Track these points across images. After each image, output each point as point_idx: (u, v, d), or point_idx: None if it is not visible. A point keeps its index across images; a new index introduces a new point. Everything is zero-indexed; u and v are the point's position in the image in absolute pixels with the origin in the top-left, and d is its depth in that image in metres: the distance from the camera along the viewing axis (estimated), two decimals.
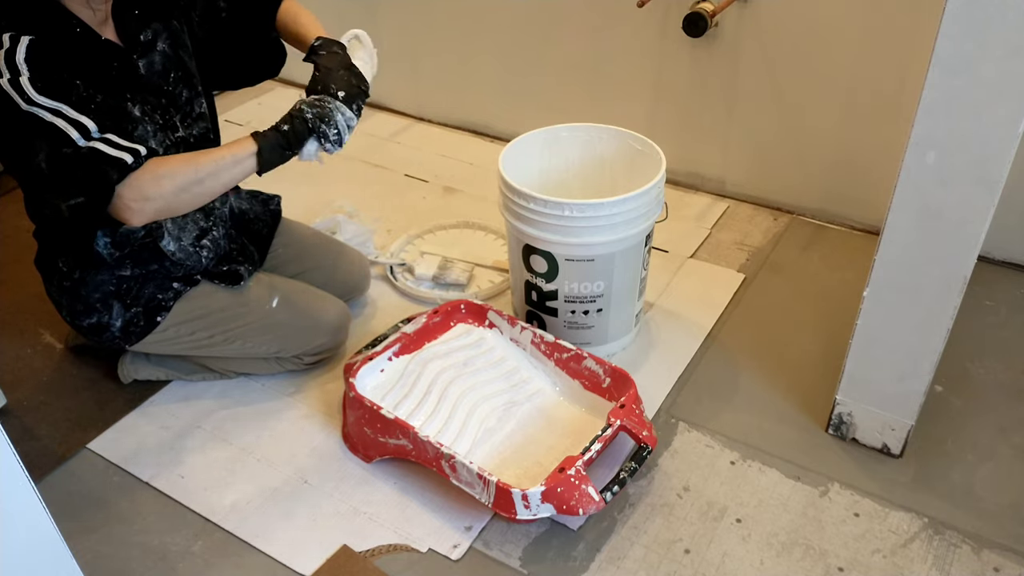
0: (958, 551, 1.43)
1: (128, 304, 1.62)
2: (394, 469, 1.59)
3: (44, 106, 1.33)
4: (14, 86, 1.32)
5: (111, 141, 1.35)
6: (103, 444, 1.66)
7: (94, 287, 1.59)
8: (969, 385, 1.75)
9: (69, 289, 1.60)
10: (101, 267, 1.58)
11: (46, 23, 1.38)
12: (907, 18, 1.91)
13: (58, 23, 1.40)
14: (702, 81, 2.25)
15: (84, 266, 1.58)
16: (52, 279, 1.63)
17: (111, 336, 1.63)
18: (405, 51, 2.72)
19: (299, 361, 1.77)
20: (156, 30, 1.54)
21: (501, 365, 1.72)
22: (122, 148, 1.35)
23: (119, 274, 1.60)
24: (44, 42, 1.35)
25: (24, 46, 1.33)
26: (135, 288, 1.61)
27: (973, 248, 1.32)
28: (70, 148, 1.34)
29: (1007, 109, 1.19)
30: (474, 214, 2.30)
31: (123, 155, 1.35)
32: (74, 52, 1.40)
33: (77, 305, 1.61)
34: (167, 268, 1.62)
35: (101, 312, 1.61)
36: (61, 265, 1.60)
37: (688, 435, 1.66)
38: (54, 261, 1.60)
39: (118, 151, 1.35)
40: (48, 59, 1.35)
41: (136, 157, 1.36)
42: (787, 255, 2.16)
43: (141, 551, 1.47)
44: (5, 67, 1.32)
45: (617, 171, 1.86)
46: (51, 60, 1.36)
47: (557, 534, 1.48)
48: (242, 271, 1.70)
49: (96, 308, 1.61)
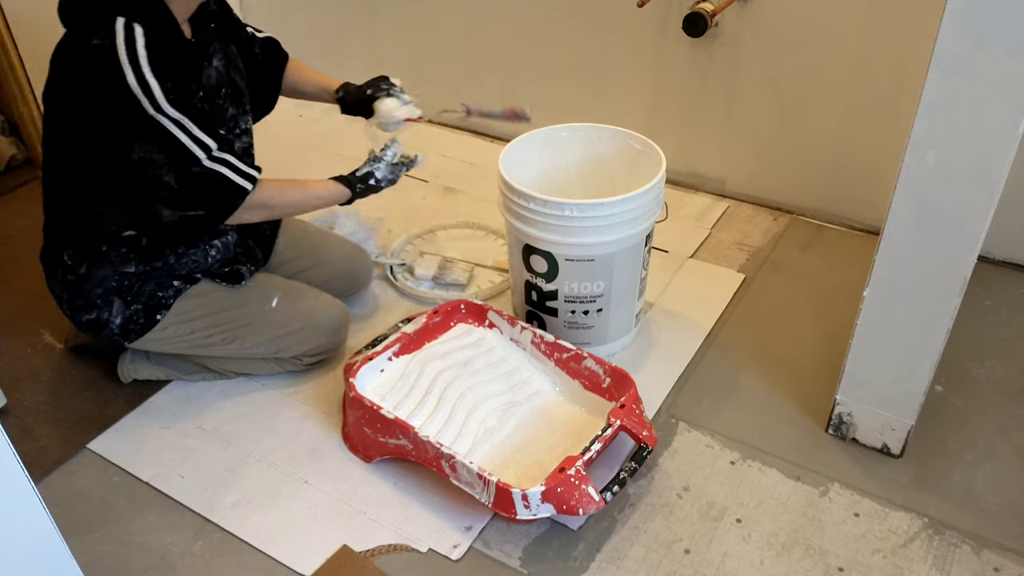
0: (958, 551, 1.43)
1: (128, 301, 1.62)
2: (394, 469, 1.59)
3: (170, 116, 1.41)
4: (143, 89, 1.37)
5: (231, 164, 1.49)
6: (103, 444, 1.66)
7: (96, 282, 1.60)
8: (969, 385, 1.75)
9: (72, 283, 1.61)
10: (106, 263, 1.59)
11: (149, 13, 1.42)
12: (907, 18, 1.91)
13: (158, 14, 1.43)
14: (702, 81, 2.25)
15: (90, 262, 1.59)
16: (56, 273, 1.63)
17: (110, 333, 1.63)
18: (405, 51, 2.72)
19: (298, 362, 1.77)
20: (215, 48, 1.59)
21: (501, 365, 1.72)
22: (242, 173, 1.51)
23: (122, 270, 1.60)
24: (152, 33, 1.39)
25: (142, 38, 1.37)
26: (136, 285, 1.61)
27: (973, 248, 1.32)
28: (197, 167, 1.45)
29: (1007, 109, 1.19)
30: (474, 214, 2.30)
31: (244, 182, 1.51)
32: (170, 44, 1.44)
33: (78, 300, 1.61)
34: (171, 266, 1.63)
35: (101, 308, 1.61)
36: (67, 259, 1.60)
37: (688, 435, 1.66)
38: (60, 255, 1.61)
39: (239, 176, 1.50)
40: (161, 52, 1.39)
41: (253, 183, 1.52)
42: (787, 255, 2.16)
43: (141, 551, 1.47)
44: (129, 66, 1.36)
45: (617, 171, 1.86)
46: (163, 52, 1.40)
47: (557, 534, 1.48)
48: (243, 271, 1.70)
49: (96, 304, 1.61)
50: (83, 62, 1.39)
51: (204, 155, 1.45)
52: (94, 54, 1.36)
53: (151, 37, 1.39)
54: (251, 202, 1.53)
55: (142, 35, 1.37)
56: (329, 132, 2.74)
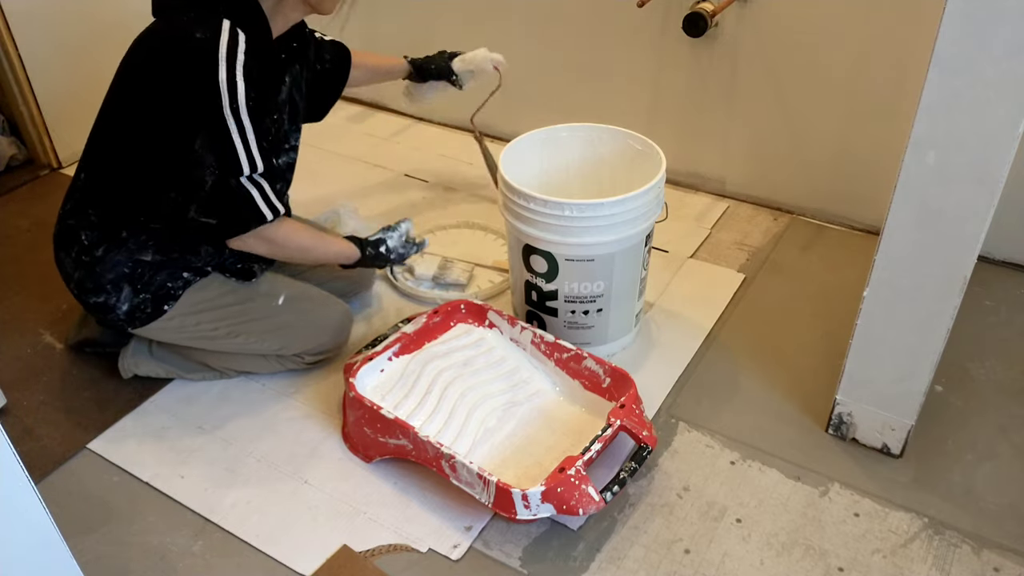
0: (958, 551, 1.43)
1: (138, 289, 1.62)
2: (394, 469, 1.59)
3: (241, 121, 1.44)
4: (229, 87, 1.42)
5: (264, 191, 1.52)
6: (103, 444, 1.66)
7: (110, 267, 1.60)
8: (969, 385, 1.75)
9: (86, 264, 1.61)
10: (123, 248, 1.59)
11: (252, 22, 1.47)
12: (907, 18, 1.91)
13: (260, 25, 1.49)
14: (702, 81, 2.25)
15: (108, 245, 1.59)
16: (70, 250, 1.63)
17: (116, 318, 1.63)
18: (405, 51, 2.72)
19: (300, 360, 1.77)
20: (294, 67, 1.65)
21: (501, 365, 1.72)
22: (269, 203, 1.53)
23: (138, 258, 1.60)
24: (252, 41, 1.45)
25: (243, 43, 1.43)
26: (148, 274, 1.62)
27: (973, 248, 1.32)
28: (235, 179, 1.48)
29: (1007, 109, 1.19)
30: (474, 214, 2.30)
31: (267, 211, 1.53)
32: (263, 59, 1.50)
33: (88, 282, 1.61)
34: (187, 259, 1.63)
35: (110, 293, 1.61)
36: (84, 239, 1.60)
37: (688, 435, 1.66)
38: (77, 233, 1.61)
39: (266, 205, 1.52)
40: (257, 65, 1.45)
41: (276, 216, 1.54)
42: (787, 255, 2.16)
43: (141, 551, 1.47)
44: (225, 64, 1.41)
45: (617, 171, 1.86)
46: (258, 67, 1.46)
47: (557, 534, 1.48)
48: (256, 269, 1.71)
49: (106, 288, 1.61)
50: (180, 49, 1.42)
51: (249, 170, 1.48)
52: (195, 44, 1.41)
53: (251, 45, 1.44)
54: (263, 233, 1.56)
55: (244, 41, 1.43)
56: (329, 132, 2.74)
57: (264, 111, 1.53)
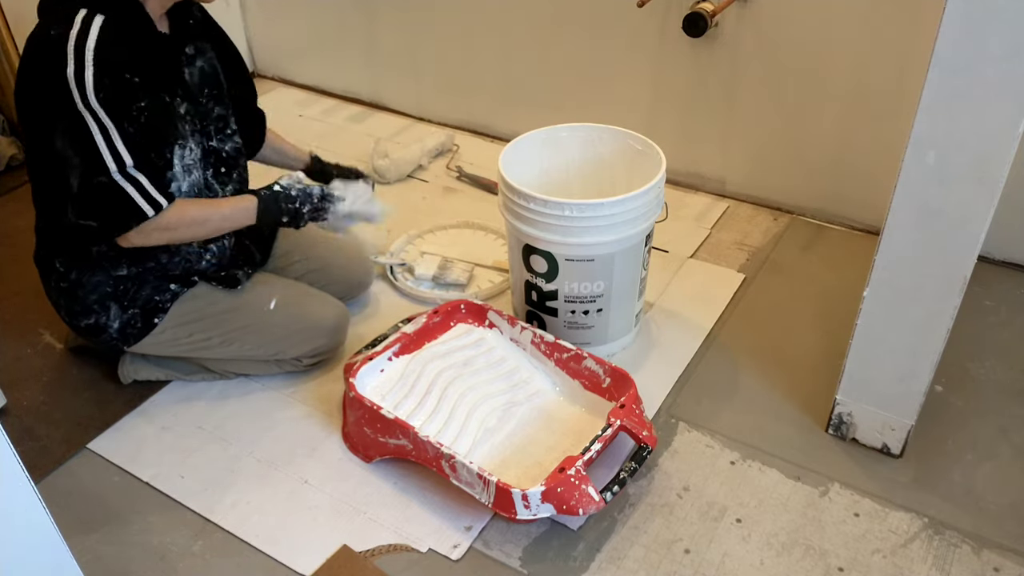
0: (958, 551, 1.43)
1: (125, 306, 1.61)
2: (394, 469, 1.59)
3: (96, 115, 1.37)
4: (77, 81, 1.35)
5: (141, 185, 1.43)
6: (103, 444, 1.66)
7: (91, 288, 1.59)
8: (969, 385, 1.75)
9: (66, 290, 1.61)
10: (97, 268, 1.58)
11: (118, 6, 1.41)
12: (907, 18, 1.91)
13: (128, 8, 1.43)
14: (702, 81, 2.25)
15: (81, 267, 1.59)
16: (49, 279, 1.63)
17: (109, 337, 1.63)
18: (405, 51, 2.72)
19: (298, 363, 1.77)
20: (199, 48, 1.58)
21: (501, 365, 1.72)
22: (149, 197, 1.44)
23: (116, 274, 1.59)
24: (114, 23, 1.38)
25: (96, 30, 1.36)
26: (132, 289, 1.61)
27: (973, 248, 1.32)
28: (105, 177, 1.41)
29: (1007, 109, 1.19)
30: (474, 214, 2.30)
31: (147, 207, 1.44)
32: (137, 39, 1.43)
33: (75, 306, 1.61)
34: (164, 266, 1.62)
35: (99, 313, 1.61)
36: (58, 265, 1.60)
37: (688, 435, 1.66)
38: (51, 261, 1.61)
39: (145, 199, 1.44)
40: (114, 49, 1.37)
41: (158, 209, 1.45)
42: (787, 255, 2.16)
43: (141, 551, 1.47)
44: (72, 56, 1.35)
45: (617, 171, 1.86)
46: (116, 50, 1.38)
47: (557, 534, 1.48)
48: (240, 275, 1.70)
49: (93, 309, 1.61)
50: (36, 49, 1.38)
51: (116, 166, 1.40)
52: (48, 41, 1.36)
53: (111, 30, 1.37)
54: (150, 227, 1.47)
55: (98, 27, 1.36)
56: (329, 132, 2.74)
57: (134, 98, 1.41)
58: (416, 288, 2.04)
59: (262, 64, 3.10)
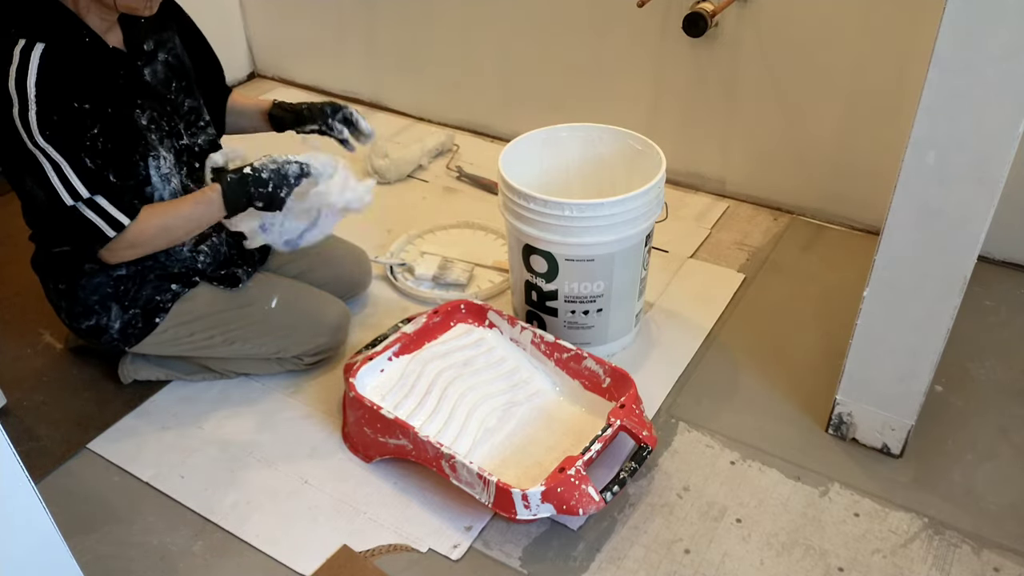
0: (958, 551, 1.43)
1: (126, 306, 1.61)
2: (394, 469, 1.59)
3: (46, 152, 1.37)
4: (22, 121, 1.34)
5: (103, 210, 1.42)
6: (103, 444, 1.66)
7: (91, 290, 1.59)
8: (969, 385, 1.75)
9: (66, 292, 1.61)
10: (97, 269, 1.58)
11: (57, 30, 1.39)
12: (907, 18, 1.91)
13: (69, 30, 1.41)
14: (702, 81, 2.25)
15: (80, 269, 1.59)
16: (48, 282, 1.63)
17: (110, 338, 1.63)
18: (405, 50, 2.72)
19: (299, 361, 1.77)
20: (159, 40, 1.56)
21: (501, 365, 1.72)
22: (110, 219, 1.43)
23: (115, 275, 1.60)
24: (55, 50, 1.36)
25: (36, 63, 1.34)
26: (132, 289, 1.61)
27: (973, 248, 1.32)
28: (64, 206, 1.41)
29: (1007, 109, 1.19)
30: (474, 214, 2.30)
31: (108, 229, 1.43)
32: (83, 61, 1.41)
33: (75, 307, 1.61)
34: (163, 264, 1.62)
35: (99, 314, 1.61)
36: (58, 267, 1.60)
37: (688, 435, 1.66)
38: (50, 264, 1.61)
39: (106, 223, 1.43)
40: (57, 80, 1.36)
41: (118, 230, 1.44)
42: (787, 255, 2.16)
43: (141, 551, 1.47)
44: (16, 94, 1.33)
45: (617, 171, 1.86)
46: (60, 80, 1.36)
47: (557, 534, 1.48)
48: (240, 274, 1.70)
49: (94, 310, 1.61)
50: None
51: (71, 198, 1.39)
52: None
53: (53, 58, 1.35)
54: (118, 244, 1.46)
55: (38, 58, 1.33)
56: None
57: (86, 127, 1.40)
58: (416, 288, 2.04)
59: (262, 64, 3.10)
